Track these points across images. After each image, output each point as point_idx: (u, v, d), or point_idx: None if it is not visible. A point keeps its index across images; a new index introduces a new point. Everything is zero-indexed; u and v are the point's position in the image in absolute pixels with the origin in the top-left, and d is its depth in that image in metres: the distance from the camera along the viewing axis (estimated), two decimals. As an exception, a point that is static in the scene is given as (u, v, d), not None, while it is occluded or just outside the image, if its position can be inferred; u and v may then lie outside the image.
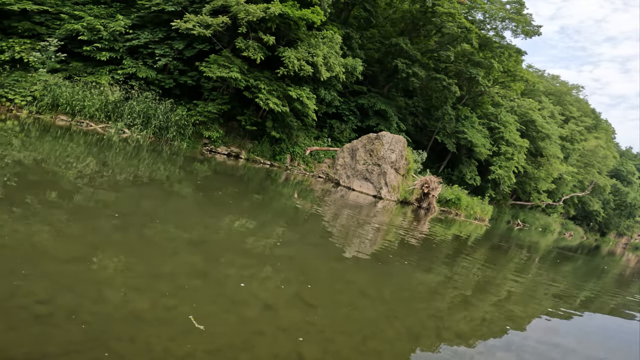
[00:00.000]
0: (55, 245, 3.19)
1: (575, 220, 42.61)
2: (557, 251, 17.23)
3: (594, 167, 37.31)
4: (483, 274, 7.00)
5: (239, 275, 3.65)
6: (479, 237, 14.14)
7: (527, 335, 4.17)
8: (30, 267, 2.72)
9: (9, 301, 2.28)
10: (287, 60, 14.57)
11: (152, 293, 2.82)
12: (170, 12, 14.52)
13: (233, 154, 15.99)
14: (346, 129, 21.93)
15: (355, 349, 2.83)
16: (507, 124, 26.50)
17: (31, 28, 13.00)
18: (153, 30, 14.89)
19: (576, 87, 43.25)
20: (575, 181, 35.87)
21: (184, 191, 6.98)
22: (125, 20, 13.97)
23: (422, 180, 18.57)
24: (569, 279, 9.14)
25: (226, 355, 2.32)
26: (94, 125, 12.18)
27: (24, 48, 12.13)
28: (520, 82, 27.45)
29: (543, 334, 4.32)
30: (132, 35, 14.39)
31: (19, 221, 3.44)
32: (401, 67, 21.50)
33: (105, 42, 13.49)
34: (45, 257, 2.91)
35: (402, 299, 4.37)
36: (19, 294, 2.37)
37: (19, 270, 2.63)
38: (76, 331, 2.16)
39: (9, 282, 2.47)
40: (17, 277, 2.55)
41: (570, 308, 5.79)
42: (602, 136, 39.94)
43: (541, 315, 5.01)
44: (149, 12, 14.85)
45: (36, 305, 2.30)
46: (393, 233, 9.21)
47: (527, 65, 39.77)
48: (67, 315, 2.27)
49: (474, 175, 26.37)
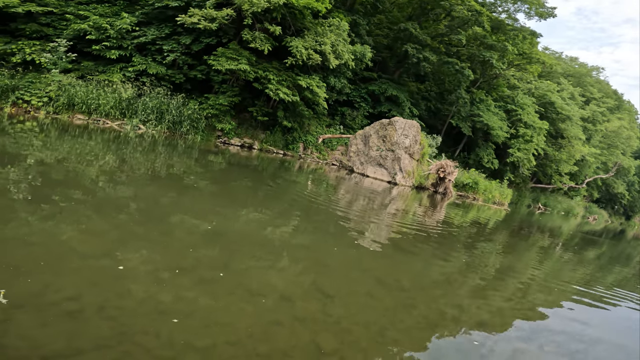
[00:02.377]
0: (81, 241, 3.32)
1: (599, 203, 41.69)
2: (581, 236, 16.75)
3: (618, 148, 36.20)
4: (503, 260, 6.88)
5: (256, 266, 3.72)
6: (498, 221, 13.88)
7: (549, 324, 4.07)
8: (59, 263, 2.85)
9: (40, 298, 2.39)
10: (295, 50, 14.44)
11: (173, 286, 2.90)
12: (175, 8, 14.47)
13: (246, 145, 16.11)
14: (358, 115, 21.76)
15: (373, 339, 2.85)
16: (525, 106, 25.79)
17: (38, 30, 13.14)
18: (159, 27, 14.91)
19: (596, 68, 42.19)
20: (598, 163, 34.91)
21: (201, 184, 7.10)
22: (131, 18, 13.99)
23: (438, 165, 18.27)
24: (593, 266, 8.86)
25: (246, 347, 2.38)
26: (110, 122, 12.45)
27: (34, 50, 12.30)
28: (536, 64, 26.58)
29: (566, 323, 4.21)
30: (139, 32, 14.45)
31: (46, 219, 3.59)
32: (411, 52, 21.10)
33: (114, 40, 13.56)
34: (72, 254, 3.03)
35: (420, 287, 4.34)
36: (49, 290, 2.49)
37: (48, 268, 2.76)
38: (105, 326, 2.26)
39: (40, 279, 2.59)
40: (47, 274, 2.67)
41: (595, 296, 5.61)
42: (625, 117, 38.68)
43: (564, 304, 4.88)
44: (153, 9, 14.84)
45: (66, 302, 2.41)
46: (409, 219, 9.15)
47: (544, 47, 38.39)
48: (96, 311, 2.38)
49: (492, 159, 25.87)
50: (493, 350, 3.17)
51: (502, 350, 3.22)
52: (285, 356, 2.39)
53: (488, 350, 3.13)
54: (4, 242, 3.00)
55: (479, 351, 3.09)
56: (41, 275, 2.65)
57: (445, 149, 23.86)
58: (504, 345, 3.33)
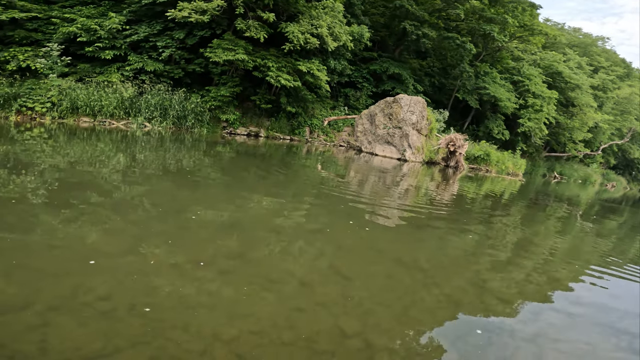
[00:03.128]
0: (103, 241, 3.41)
1: (616, 170, 41.36)
2: (600, 204, 16.42)
3: (631, 114, 35.57)
4: (521, 233, 6.81)
5: (273, 254, 3.77)
6: (513, 193, 13.71)
7: (575, 297, 3.96)
8: (85, 264, 2.93)
9: (73, 300, 2.48)
10: (292, 35, 14.17)
11: (195, 280, 2.97)
12: (163, 3, 14.12)
13: (252, 134, 16.10)
14: (362, 96, 21.55)
15: (395, 319, 2.88)
16: (532, 76, 25.52)
17: (27, 35, 12.98)
18: (150, 24, 14.63)
19: (601, 38, 41.77)
20: (612, 129, 34.45)
21: (212, 176, 7.15)
22: (119, 17, 13.72)
23: (447, 139, 18.01)
24: (616, 235, 8.63)
25: (270, 335, 2.44)
26: (116, 123, 12.53)
27: (28, 56, 12.20)
28: (539, 35, 26.02)
29: (593, 295, 4.11)
30: (131, 31, 14.22)
31: (68, 222, 3.68)
32: (410, 29, 20.72)
33: (106, 40, 13.38)
34: (96, 254, 3.12)
35: (439, 264, 4.33)
36: (81, 292, 2.57)
37: (76, 269, 2.84)
38: (137, 323, 2.34)
39: (70, 281, 2.68)
40: (76, 275, 2.76)
41: (620, 267, 5.44)
42: (636, 84, 37.98)
43: (588, 276, 4.76)
44: (140, 6, 14.51)
45: (99, 302, 2.49)
46: (422, 195, 9.10)
47: (545, 18, 38.48)
48: (128, 309, 2.46)
49: (502, 130, 25.56)
50: (521, 325, 3.14)
51: (531, 324, 3.20)
52: (310, 342, 2.44)
53: (515, 326, 3.11)
54: (31, 248, 3.09)
55: (505, 327, 3.07)
56: (70, 277, 2.73)
57: (453, 123, 23.57)
58: (531, 319, 3.31)
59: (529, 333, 3.05)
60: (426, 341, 2.67)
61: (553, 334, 3.11)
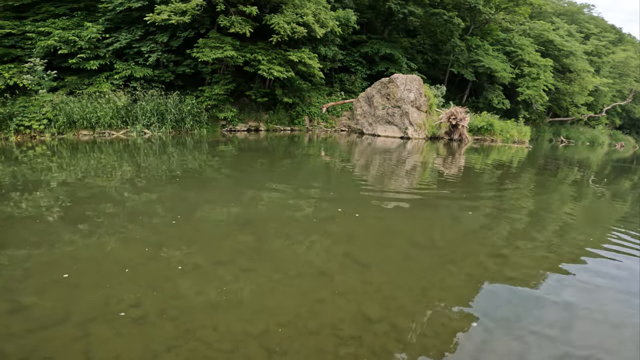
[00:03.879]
0: (124, 250, 3.49)
1: (622, 129, 41.72)
2: (611, 165, 16.23)
3: (630, 76, 35.66)
4: (535, 201, 6.70)
5: (288, 247, 3.82)
6: (522, 160, 13.61)
7: (599, 267, 3.77)
8: (111, 275, 3.02)
9: (106, 310, 2.56)
10: (277, 27, 13.96)
11: (217, 279, 3.04)
12: (139, 8, 13.83)
13: (252, 128, 16.08)
14: (356, 79, 21.40)
15: (417, 301, 2.93)
16: (524, 46, 25.67)
17: (6, 52, 12.75)
18: (130, 30, 14.33)
19: (586, 5, 41.70)
20: (613, 91, 34.60)
21: (218, 174, 7.19)
22: (97, 26, 13.40)
23: (448, 113, 17.87)
24: (632, 196, 8.37)
25: (297, 326, 2.50)
26: (115, 133, 12.54)
27: (13, 73, 11.99)
28: (524, 5, 25.76)
29: (617, 264, 3.93)
30: (112, 39, 13.92)
31: (88, 235, 3.77)
32: (395, 8, 20.53)
33: (88, 51, 13.12)
34: (119, 263, 3.20)
35: (455, 242, 4.30)
36: (112, 302, 2.66)
37: (103, 280, 2.93)
38: (169, 327, 2.42)
39: (100, 293, 2.76)
40: (104, 286, 2.85)
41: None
42: (630, 48, 38.13)
43: (609, 243, 4.60)
44: (116, 14, 14.13)
45: (131, 309, 2.57)
46: (430, 172, 9.08)
47: None
48: (158, 314, 2.54)
49: (502, 99, 25.53)
50: (547, 298, 3.07)
51: (557, 295, 3.14)
52: (335, 329, 2.50)
53: (542, 299, 3.05)
54: (58, 263, 3.17)
55: (532, 301, 3.01)
56: (100, 288, 2.81)
57: (452, 97, 23.44)
58: (557, 289, 3.24)
59: (557, 303, 2.99)
60: (452, 320, 2.71)
61: (583, 302, 3.03)
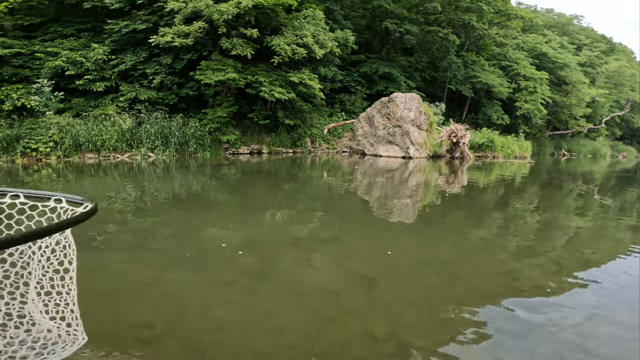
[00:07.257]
0: (131, 271, 3.51)
1: (623, 140, 41.80)
2: (615, 176, 16.18)
3: (625, 85, 36.16)
4: (541, 215, 6.67)
5: (294, 267, 3.78)
6: (525, 175, 13.60)
7: (611, 279, 3.71)
8: (118, 295, 3.03)
9: (126, 332, 2.56)
10: (278, 48, 14.40)
11: (223, 301, 3.01)
12: (144, 30, 14.33)
13: (255, 151, 16.24)
14: (357, 99, 21.78)
15: (425, 318, 2.87)
16: (519, 60, 26.25)
17: (15, 72, 12.99)
18: (135, 51, 14.77)
19: (575, 16, 43.25)
20: (610, 102, 35.04)
21: (222, 198, 7.21)
22: (103, 47, 13.80)
23: (448, 131, 18.04)
24: (639, 207, 8.34)
25: (304, 347, 2.44)
26: (120, 156, 12.72)
27: (21, 94, 12.14)
28: (515, 19, 26.71)
29: (629, 276, 3.85)
30: (117, 60, 14.33)
31: (97, 252, 3.79)
32: (392, 27, 21.15)
33: (94, 72, 13.38)
34: (127, 284, 3.22)
35: (462, 258, 4.25)
36: (129, 323, 2.66)
37: (111, 300, 2.95)
38: (179, 346, 2.41)
39: (118, 315, 2.77)
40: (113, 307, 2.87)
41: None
42: (622, 57, 38.93)
43: (621, 255, 4.55)
44: (121, 35, 14.66)
45: (146, 330, 2.57)
46: (432, 190, 9.07)
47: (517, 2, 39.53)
48: (170, 334, 2.53)
49: (501, 115, 25.85)
50: (559, 313, 2.99)
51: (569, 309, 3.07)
52: (343, 349, 2.44)
53: (554, 314, 2.97)
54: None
55: (545, 316, 2.92)
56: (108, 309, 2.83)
57: (451, 114, 23.75)
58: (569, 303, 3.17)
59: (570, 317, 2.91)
60: (462, 336, 2.64)
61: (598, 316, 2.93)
